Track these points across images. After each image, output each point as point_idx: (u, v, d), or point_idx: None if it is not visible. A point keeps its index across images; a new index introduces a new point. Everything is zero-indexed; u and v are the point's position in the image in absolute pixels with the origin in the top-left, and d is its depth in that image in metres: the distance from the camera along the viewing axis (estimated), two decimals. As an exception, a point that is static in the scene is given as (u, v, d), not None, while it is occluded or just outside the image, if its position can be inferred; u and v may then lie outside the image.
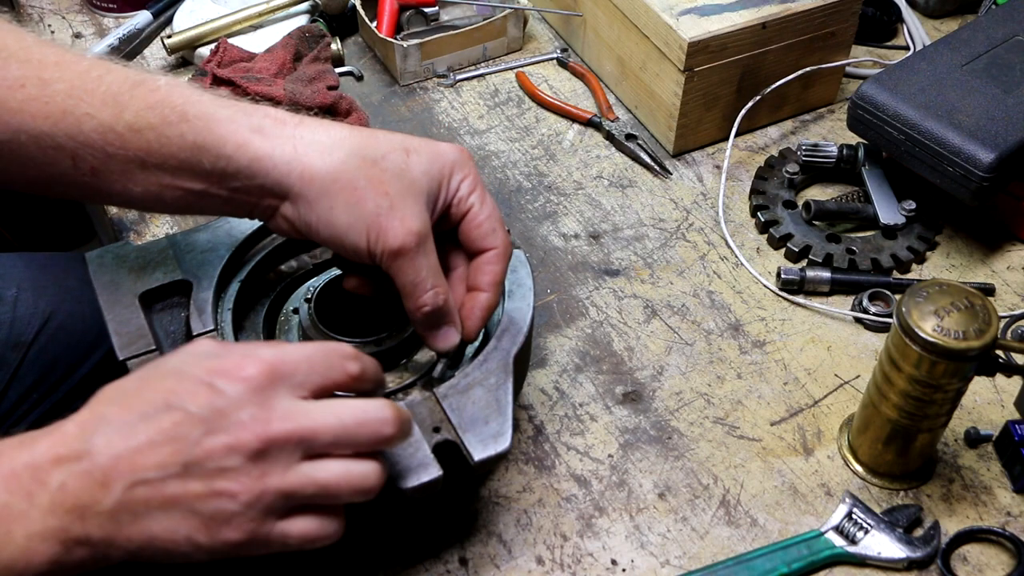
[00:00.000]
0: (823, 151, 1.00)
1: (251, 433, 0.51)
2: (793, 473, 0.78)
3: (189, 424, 0.51)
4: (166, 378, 0.53)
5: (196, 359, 0.54)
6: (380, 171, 0.61)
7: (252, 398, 0.52)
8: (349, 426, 0.54)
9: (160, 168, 0.61)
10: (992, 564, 0.73)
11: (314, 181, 0.61)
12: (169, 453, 0.51)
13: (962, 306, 0.67)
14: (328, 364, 0.55)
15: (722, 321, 0.90)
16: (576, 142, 1.07)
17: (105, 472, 0.51)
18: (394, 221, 0.61)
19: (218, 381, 0.52)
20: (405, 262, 0.62)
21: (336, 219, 0.61)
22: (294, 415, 0.53)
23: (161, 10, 1.20)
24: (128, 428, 0.51)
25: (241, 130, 0.61)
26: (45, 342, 0.92)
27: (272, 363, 0.53)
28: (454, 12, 1.19)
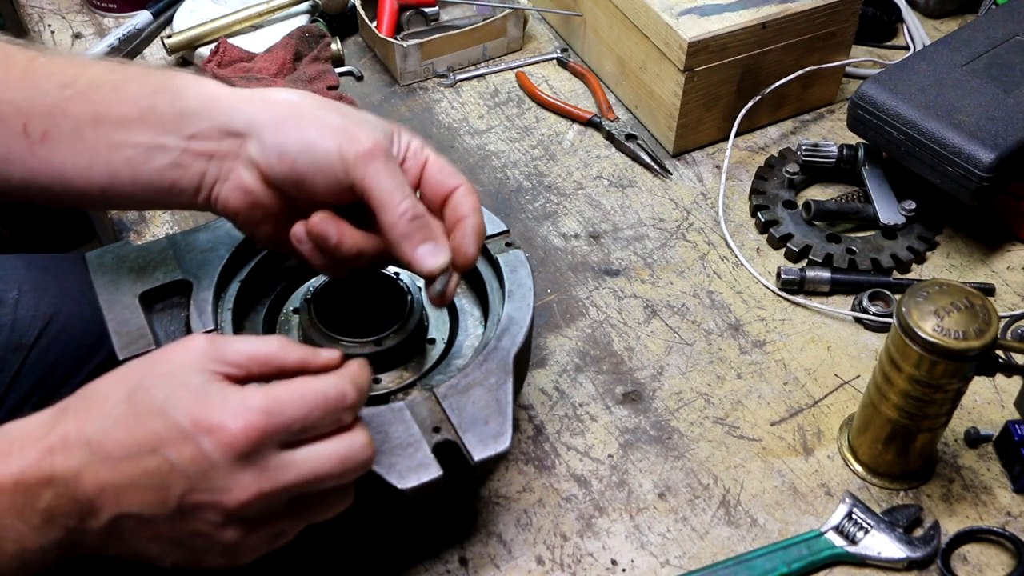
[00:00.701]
0: (823, 151, 1.00)
1: (234, 499, 0.52)
2: (793, 473, 0.78)
3: (173, 476, 0.51)
4: (151, 417, 0.52)
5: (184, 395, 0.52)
6: (337, 105, 0.63)
7: (236, 463, 0.51)
8: (336, 473, 0.55)
9: (115, 123, 0.61)
10: (992, 564, 0.73)
11: (277, 105, 0.62)
12: (153, 499, 0.52)
13: (962, 306, 0.67)
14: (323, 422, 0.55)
15: (722, 321, 0.90)
16: (576, 142, 1.07)
17: (91, 501, 0.52)
18: (360, 131, 0.61)
19: (203, 440, 0.51)
20: (378, 166, 0.60)
21: (307, 134, 0.60)
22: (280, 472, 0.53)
23: (161, 10, 1.20)
24: (113, 463, 0.51)
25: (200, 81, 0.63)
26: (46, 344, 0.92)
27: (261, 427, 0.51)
28: (454, 12, 1.19)
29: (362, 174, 0.60)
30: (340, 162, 0.60)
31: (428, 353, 0.76)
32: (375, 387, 0.73)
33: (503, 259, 0.75)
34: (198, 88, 0.62)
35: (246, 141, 0.61)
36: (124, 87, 0.61)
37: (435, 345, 0.76)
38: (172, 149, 0.62)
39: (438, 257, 0.62)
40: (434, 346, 0.76)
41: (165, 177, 0.62)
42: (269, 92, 0.63)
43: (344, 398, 0.55)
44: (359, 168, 0.60)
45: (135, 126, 0.61)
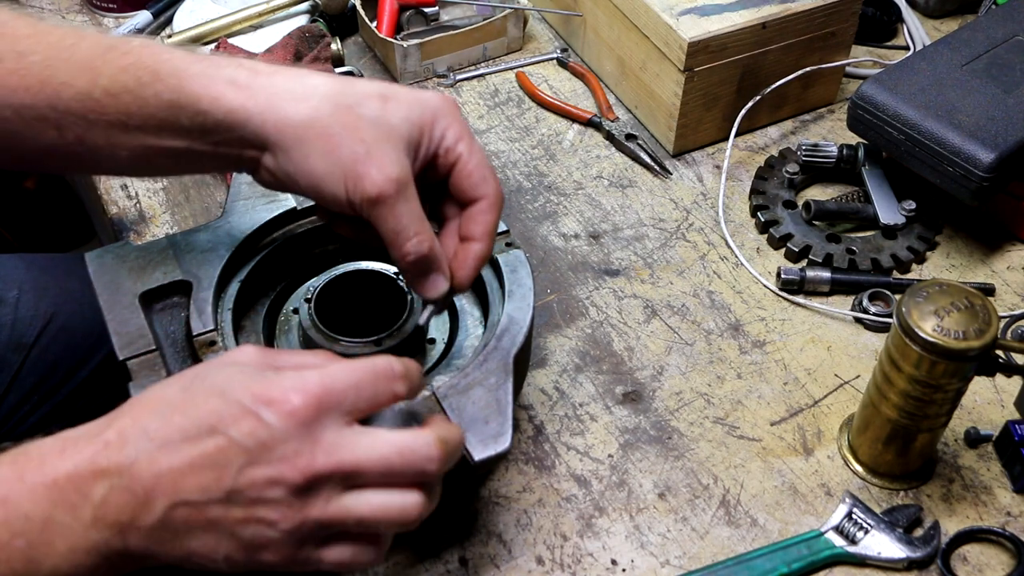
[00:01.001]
0: (823, 151, 1.00)
1: (294, 468, 0.51)
2: (793, 473, 0.78)
3: (233, 452, 0.51)
4: (210, 397, 0.52)
5: (242, 379, 0.53)
6: (356, 117, 0.60)
7: (297, 432, 0.51)
8: (394, 463, 0.54)
9: (141, 130, 0.61)
10: (992, 564, 0.73)
11: (288, 130, 0.59)
12: (212, 479, 0.51)
13: (962, 306, 0.67)
14: (376, 390, 0.55)
15: (722, 321, 0.90)
16: (576, 142, 1.07)
17: (147, 490, 0.50)
18: (371, 168, 0.59)
19: (264, 411, 0.51)
20: (385, 210, 0.60)
21: (313, 167, 0.59)
22: (339, 449, 0.52)
23: (161, 10, 1.20)
24: (171, 447, 0.51)
25: (214, 84, 0.60)
26: (46, 344, 0.93)
27: (319, 395, 0.52)
28: (454, 12, 1.19)
29: (368, 215, 0.60)
30: (348, 205, 0.60)
31: (428, 353, 0.76)
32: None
33: (503, 259, 0.75)
34: (212, 101, 0.60)
35: (263, 154, 0.61)
36: (141, 96, 0.60)
37: (435, 345, 0.76)
38: (203, 152, 0.62)
39: (437, 289, 0.64)
40: (434, 346, 0.76)
41: (207, 166, 0.64)
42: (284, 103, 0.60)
43: (391, 368, 0.56)
44: (366, 211, 0.60)
45: (163, 134, 0.61)
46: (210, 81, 0.60)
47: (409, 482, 0.55)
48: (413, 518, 0.55)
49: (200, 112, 0.60)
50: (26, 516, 0.50)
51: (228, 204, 0.77)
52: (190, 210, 0.97)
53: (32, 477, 0.51)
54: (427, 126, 0.62)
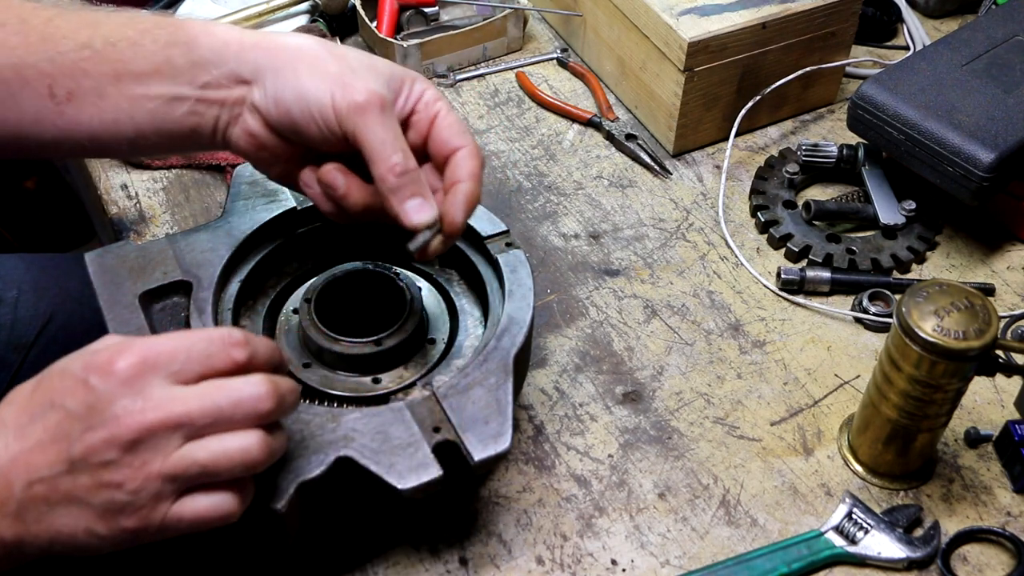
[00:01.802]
0: (823, 151, 1.00)
1: (124, 426, 0.52)
2: (793, 473, 0.78)
3: (69, 422, 0.52)
4: (52, 378, 0.54)
5: (80, 356, 0.55)
6: (343, 51, 0.64)
7: (123, 391, 0.52)
8: (223, 407, 0.54)
9: (133, 78, 0.63)
10: (992, 564, 0.73)
11: (279, 52, 0.63)
12: (56, 452, 0.52)
13: (962, 306, 0.67)
14: (208, 352, 0.55)
15: (722, 321, 0.90)
16: (576, 142, 1.07)
17: (4, 475, 0.53)
18: (357, 81, 0.62)
19: (91, 377, 0.53)
20: (370, 119, 0.61)
21: (302, 81, 0.62)
22: (166, 402, 0.53)
23: (161, 10, 1.20)
24: (21, 430, 0.53)
25: (211, 26, 0.64)
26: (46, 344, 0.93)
27: (143, 354, 0.53)
28: (454, 12, 1.19)
29: (354, 125, 0.61)
30: (333, 112, 0.62)
31: (428, 353, 0.76)
32: (375, 387, 0.73)
33: (503, 259, 0.75)
34: (209, 36, 0.63)
35: (252, 87, 0.63)
36: (139, 42, 0.63)
37: (435, 345, 0.76)
38: (188, 98, 0.64)
39: (424, 213, 0.63)
40: (434, 346, 0.76)
41: (184, 124, 0.65)
42: (277, 37, 0.64)
43: (229, 335, 0.56)
44: (351, 119, 0.61)
45: (153, 79, 0.63)
46: (206, 24, 0.64)
47: (246, 425, 0.55)
48: (256, 458, 0.55)
49: (196, 46, 0.63)
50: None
51: (228, 204, 0.77)
52: (190, 210, 0.97)
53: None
54: (407, 81, 0.65)
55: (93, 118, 0.64)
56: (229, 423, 0.54)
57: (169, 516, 0.54)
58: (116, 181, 0.99)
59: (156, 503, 0.53)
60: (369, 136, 0.61)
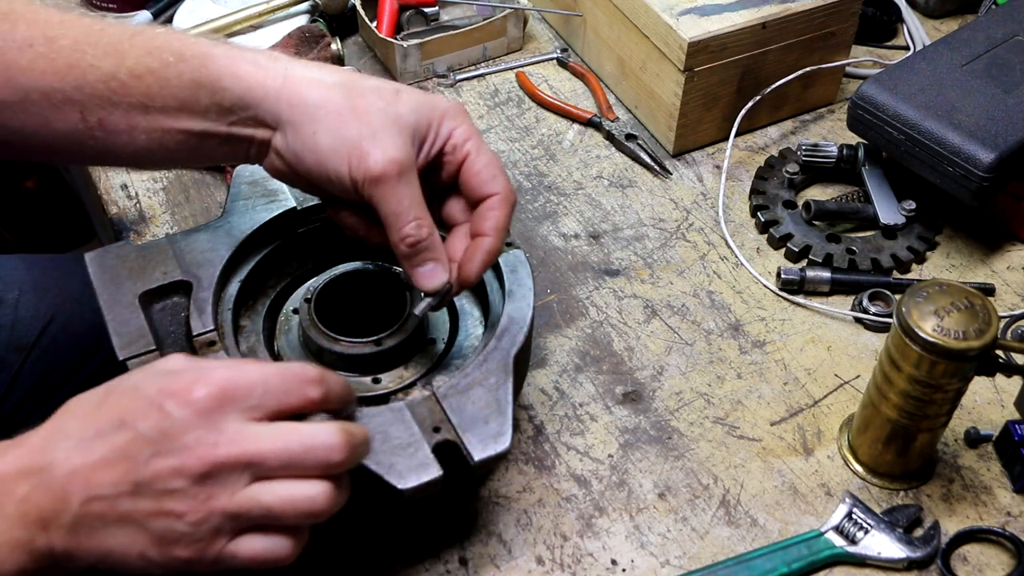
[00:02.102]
0: (823, 151, 1.00)
1: (196, 457, 0.52)
2: (793, 473, 0.78)
3: (139, 444, 0.52)
4: (123, 395, 0.54)
5: (154, 377, 0.54)
6: (366, 103, 0.63)
7: (199, 422, 0.52)
8: (296, 452, 0.54)
9: (161, 112, 0.63)
10: (992, 564, 0.73)
11: (300, 107, 0.62)
12: (121, 472, 0.52)
13: (962, 306, 0.67)
14: (285, 389, 0.55)
15: (722, 321, 0.90)
16: (576, 142, 1.07)
17: (63, 486, 0.52)
18: (375, 147, 0.61)
19: (167, 403, 0.52)
20: (386, 189, 0.62)
21: (319, 144, 0.62)
22: (240, 440, 0.53)
23: (161, 10, 1.20)
24: (85, 444, 0.52)
25: (236, 64, 0.63)
26: (47, 344, 0.93)
27: (222, 386, 0.53)
28: (454, 12, 1.19)
29: (370, 194, 0.62)
30: (349, 181, 0.62)
31: (428, 353, 0.76)
32: (375, 387, 0.73)
33: (503, 259, 0.75)
34: (233, 80, 0.63)
35: (275, 133, 0.64)
36: (164, 76, 0.62)
37: (435, 345, 0.76)
38: (217, 134, 0.64)
39: (435, 280, 0.66)
40: (434, 346, 0.76)
41: (218, 153, 0.66)
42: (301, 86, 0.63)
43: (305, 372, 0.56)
44: (367, 189, 0.62)
45: (181, 115, 0.63)
46: (232, 61, 0.63)
47: (315, 473, 0.55)
48: (321, 509, 0.55)
49: (220, 89, 0.62)
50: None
51: (228, 204, 0.77)
52: (190, 210, 0.97)
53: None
54: (435, 122, 0.65)
55: (127, 145, 0.64)
56: (299, 469, 0.54)
57: (224, 552, 0.54)
58: (116, 181, 0.99)
59: (214, 538, 0.53)
60: (383, 207, 0.63)
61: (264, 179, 0.79)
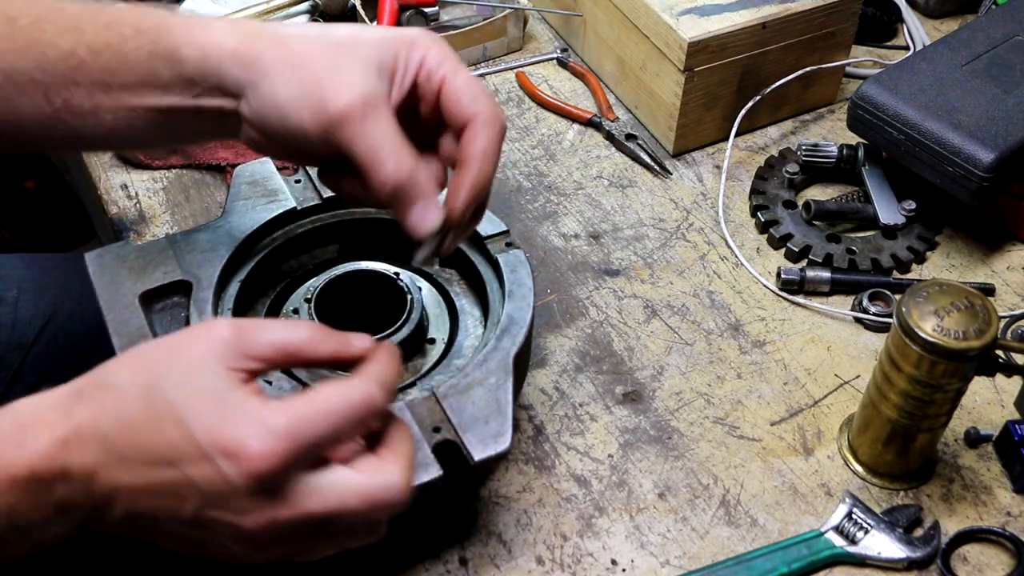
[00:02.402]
0: (823, 151, 1.00)
1: (250, 522, 0.50)
2: (793, 473, 0.78)
3: (191, 490, 0.49)
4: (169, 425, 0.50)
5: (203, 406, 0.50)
6: (321, 47, 0.58)
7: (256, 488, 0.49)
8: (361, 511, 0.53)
9: (123, 88, 0.60)
10: (992, 564, 0.73)
11: (255, 64, 0.57)
12: (170, 505, 0.50)
13: (962, 306, 0.67)
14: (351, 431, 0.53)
15: (722, 321, 0.90)
16: (576, 142, 1.07)
17: (106, 496, 0.50)
18: (333, 87, 0.56)
19: (222, 462, 0.49)
20: (353, 130, 0.56)
21: (278, 97, 0.57)
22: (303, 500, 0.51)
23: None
24: (129, 465, 0.50)
25: (193, 30, 0.59)
26: (46, 344, 0.93)
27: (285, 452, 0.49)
28: (454, 12, 1.19)
29: (338, 139, 0.56)
30: (315, 131, 0.57)
31: (428, 353, 0.76)
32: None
33: (503, 259, 0.75)
34: (191, 47, 0.58)
35: (239, 100, 0.59)
36: (122, 50, 0.60)
37: (435, 345, 0.76)
38: (183, 109, 0.60)
39: (429, 220, 0.59)
40: (434, 346, 0.76)
41: (190, 129, 0.62)
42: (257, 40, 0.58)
43: (372, 402, 0.53)
44: (335, 133, 0.56)
45: (143, 91, 0.60)
46: (189, 29, 0.59)
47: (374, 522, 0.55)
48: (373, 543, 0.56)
49: (180, 60, 0.59)
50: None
51: (228, 204, 0.77)
52: (190, 210, 0.97)
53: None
54: (402, 51, 0.59)
55: (95, 127, 0.61)
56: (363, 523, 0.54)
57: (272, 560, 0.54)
58: (116, 181, 0.99)
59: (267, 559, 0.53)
60: (354, 150, 0.57)
61: (264, 179, 0.79)
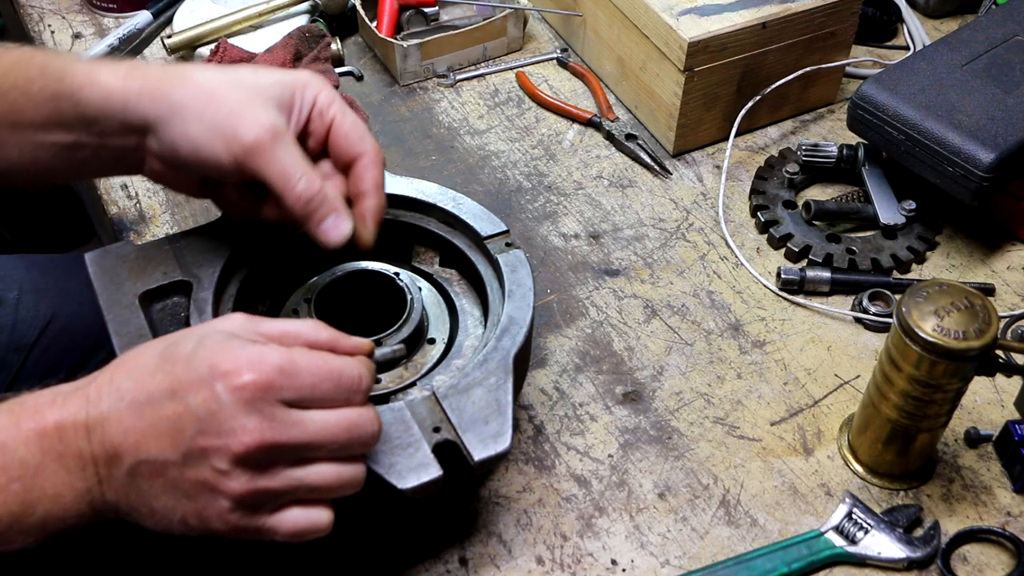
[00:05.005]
0: (823, 151, 1.00)
1: (239, 443, 0.53)
2: (793, 473, 0.78)
3: (187, 418, 0.53)
4: (176, 364, 0.54)
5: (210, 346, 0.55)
6: (225, 86, 0.64)
7: (245, 408, 0.53)
8: (341, 439, 0.56)
9: (31, 127, 0.64)
10: (992, 564, 0.73)
11: (164, 103, 0.63)
12: (169, 441, 0.53)
13: (962, 306, 0.67)
14: (333, 396, 0.56)
15: (722, 321, 0.90)
16: (576, 142, 1.07)
17: (116, 446, 0.54)
18: (245, 119, 0.62)
19: (217, 384, 0.53)
20: (265, 156, 0.62)
21: (190, 133, 0.62)
22: (287, 426, 0.54)
23: (161, 10, 1.20)
24: (137, 408, 0.54)
25: (94, 74, 0.64)
26: (47, 344, 0.93)
27: (271, 378, 0.53)
28: (454, 12, 1.19)
29: (252, 168, 0.63)
30: (229, 161, 0.63)
31: (428, 353, 0.76)
32: (375, 387, 0.73)
33: (503, 259, 0.75)
34: (93, 88, 0.63)
35: (147, 137, 0.64)
36: (28, 91, 0.63)
37: (435, 345, 0.76)
38: (88, 145, 0.65)
39: (339, 229, 0.66)
40: (434, 346, 0.76)
41: (95, 164, 0.67)
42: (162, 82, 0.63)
43: (359, 381, 0.57)
44: (247, 163, 0.63)
45: (48, 129, 0.64)
46: (92, 72, 0.64)
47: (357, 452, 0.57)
48: (360, 483, 0.58)
49: (82, 101, 0.63)
50: (21, 461, 0.53)
51: (228, 204, 0.77)
52: (190, 210, 0.97)
53: (27, 425, 0.54)
54: (298, 89, 0.66)
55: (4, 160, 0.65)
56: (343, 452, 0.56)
57: (265, 526, 0.56)
58: (116, 181, 0.99)
59: (255, 513, 0.55)
60: (267, 173, 0.63)
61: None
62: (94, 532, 0.57)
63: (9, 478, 0.53)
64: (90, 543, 0.65)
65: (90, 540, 0.63)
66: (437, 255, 0.81)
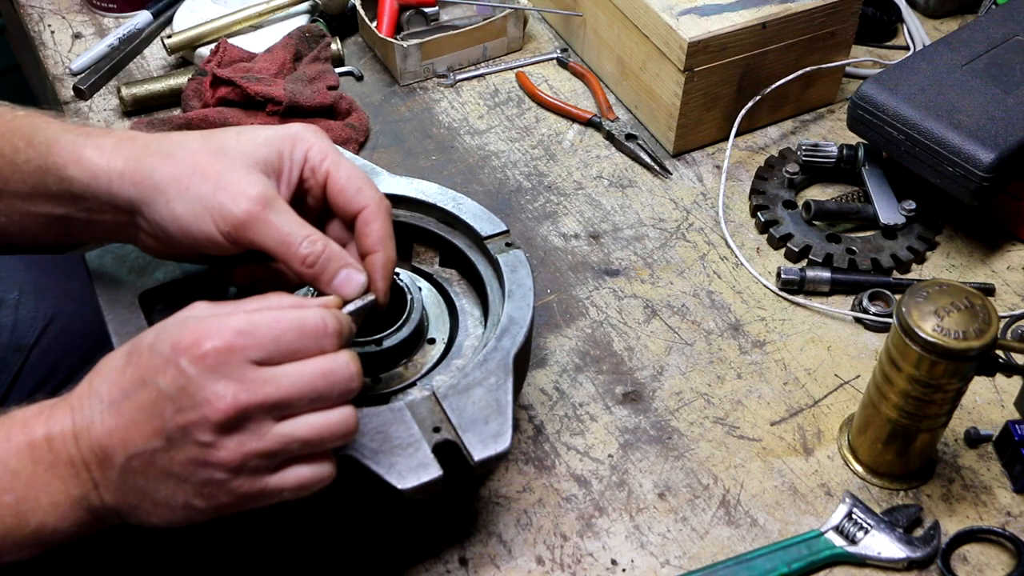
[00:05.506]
0: (823, 151, 1.00)
1: (215, 410, 0.52)
2: (793, 473, 0.78)
3: (161, 401, 0.53)
4: (143, 353, 0.55)
5: (171, 330, 0.54)
6: (210, 152, 0.62)
7: (212, 376, 0.52)
8: (320, 389, 0.55)
9: (16, 196, 0.63)
10: (992, 564, 0.73)
11: (146, 184, 0.61)
12: (150, 429, 0.53)
13: (962, 306, 0.67)
14: (301, 345, 0.55)
15: (722, 321, 0.90)
16: (576, 142, 1.07)
17: (104, 447, 0.54)
18: (230, 195, 0.60)
19: (181, 359, 0.53)
20: (259, 227, 0.60)
21: (177, 213, 0.60)
22: (260, 385, 0.53)
23: (161, 10, 1.20)
24: (116, 405, 0.54)
25: (81, 150, 0.62)
26: (47, 345, 0.93)
27: (231, 341, 0.53)
28: (454, 12, 1.19)
29: (248, 241, 0.61)
30: (223, 238, 0.61)
31: (428, 353, 0.76)
32: (375, 387, 0.73)
33: (503, 259, 0.75)
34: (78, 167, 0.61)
35: (134, 215, 0.63)
36: (14, 161, 0.63)
37: (435, 345, 0.76)
38: (78, 218, 0.64)
39: (353, 283, 0.63)
40: (434, 346, 0.76)
41: (88, 235, 0.66)
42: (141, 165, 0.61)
43: (323, 325, 0.56)
44: (243, 236, 0.60)
45: (35, 200, 0.63)
46: (76, 148, 0.62)
47: (339, 402, 0.56)
48: (352, 428, 0.57)
49: (67, 178, 0.62)
50: (13, 473, 0.54)
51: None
52: (190, 210, 0.97)
53: (16, 438, 0.55)
54: (286, 149, 0.63)
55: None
56: (324, 402, 0.56)
57: (269, 487, 0.55)
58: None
59: (254, 477, 0.55)
60: (268, 243, 0.61)
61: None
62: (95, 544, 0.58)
63: (1, 490, 0.53)
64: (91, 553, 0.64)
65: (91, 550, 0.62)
66: (437, 255, 0.81)
